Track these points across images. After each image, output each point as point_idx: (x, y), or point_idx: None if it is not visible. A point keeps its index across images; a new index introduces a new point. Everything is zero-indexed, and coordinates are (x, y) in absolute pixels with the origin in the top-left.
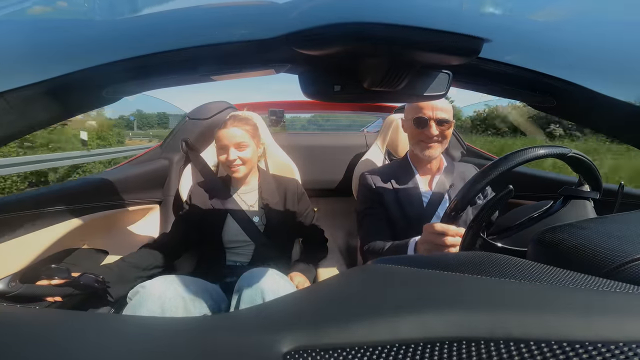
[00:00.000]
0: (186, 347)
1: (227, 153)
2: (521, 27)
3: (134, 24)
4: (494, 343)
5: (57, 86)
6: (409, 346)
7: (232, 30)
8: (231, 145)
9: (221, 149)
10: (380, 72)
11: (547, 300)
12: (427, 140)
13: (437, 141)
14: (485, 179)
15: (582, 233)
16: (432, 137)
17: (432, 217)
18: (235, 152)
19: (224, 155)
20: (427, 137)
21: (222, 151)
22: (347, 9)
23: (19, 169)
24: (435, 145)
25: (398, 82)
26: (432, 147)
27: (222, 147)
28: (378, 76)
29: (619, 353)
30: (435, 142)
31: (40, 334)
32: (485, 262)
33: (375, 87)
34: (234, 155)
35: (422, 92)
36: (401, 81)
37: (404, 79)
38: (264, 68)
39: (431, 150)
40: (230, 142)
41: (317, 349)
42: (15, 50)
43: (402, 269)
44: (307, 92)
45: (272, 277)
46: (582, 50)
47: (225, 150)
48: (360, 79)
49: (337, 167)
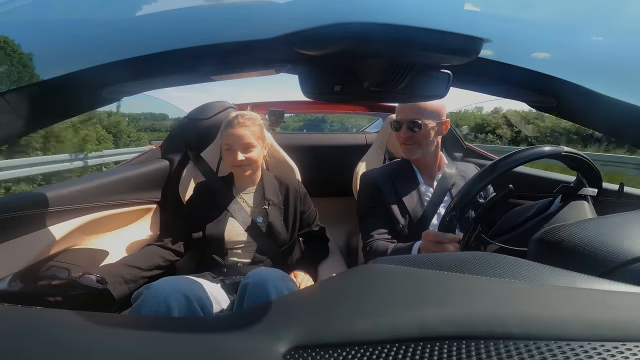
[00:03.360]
0: (190, 346)
1: (234, 155)
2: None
3: (134, 24)
4: (494, 342)
5: (57, 86)
6: (409, 345)
7: (232, 30)
8: (238, 147)
9: (228, 150)
10: (380, 72)
11: (547, 300)
12: (404, 142)
13: (414, 143)
14: (482, 181)
15: (582, 233)
16: (404, 139)
17: (434, 216)
18: (242, 153)
19: (231, 156)
20: (402, 139)
21: (229, 152)
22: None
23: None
24: (412, 147)
25: (398, 82)
26: (409, 149)
27: (229, 148)
28: (378, 76)
29: (619, 352)
30: (413, 144)
31: (40, 334)
32: (485, 262)
33: (375, 87)
34: (241, 156)
35: (422, 92)
36: (401, 81)
37: (404, 79)
38: (264, 68)
39: (408, 152)
40: (238, 144)
41: (317, 348)
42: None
43: (402, 269)
44: (307, 92)
45: (275, 277)
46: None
47: (233, 152)
48: (360, 79)
49: (337, 167)
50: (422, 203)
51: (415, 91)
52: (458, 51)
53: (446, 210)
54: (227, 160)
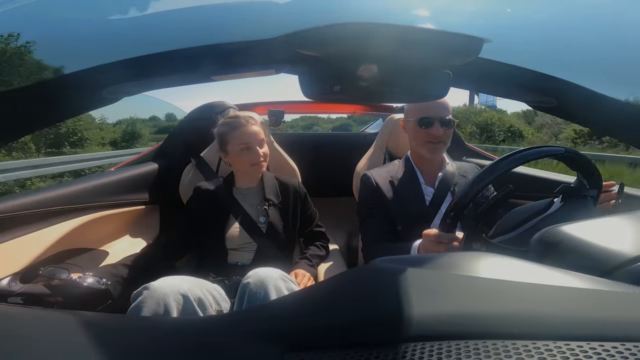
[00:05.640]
0: (189, 347)
1: (254, 152)
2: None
3: (134, 24)
4: (493, 342)
5: (57, 86)
6: (409, 345)
7: (232, 30)
8: (256, 144)
9: (246, 149)
10: (380, 72)
11: (547, 300)
12: (432, 141)
13: (442, 141)
14: (483, 181)
15: (582, 233)
16: (437, 137)
17: (435, 215)
18: (260, 149)
19: (250, 154)
20: (433, 137)
21: (247, 151)
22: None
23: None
24: (440, 145)
25: (398, 83)
26: (437, 148)
27: (247, 147)
28: (378, 76)
29: (618, 353)
30: (440, 142)
31: (41, 334)
32: (485, 262)
33: (375, 87)
34: (260, 152)
35: (422, 92)
36: (401, 81)
37: (404, 79)
38: (264, 68)
39: (436, 151)
40: (255, 140)
41: (317, 349)
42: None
43: (402, 269)
44: (306, 92)
45: (275, 277)
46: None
47: (252, 150)
48: (360, 79)
49: (337, 167)
50: (424, 202)
51: (415, 91)
52: (458, 51)
53: (447, 210)
54: (245, 159)
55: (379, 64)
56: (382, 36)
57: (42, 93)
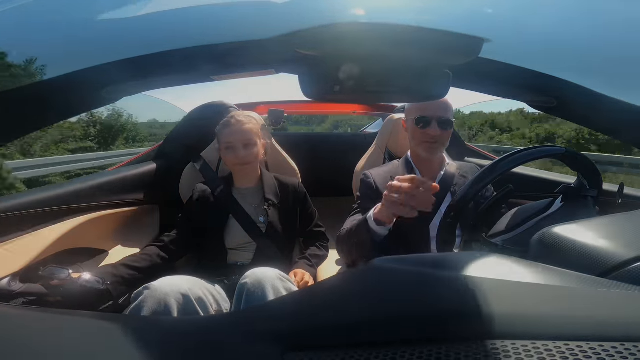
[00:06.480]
0: (190, 346)
1: (235, 152)
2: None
3: (134, 24)
4: (493, 342)
5: (57, 86)
6: (409, 345)
7: (232, 30)
8: (239, 144)
9: (229, 149)
10: (379, 72)
11: (547, 300)
12: (429, 140)
13: (439, 141)
14: (483, 181)
15: (582, 233)
16: (434, 137)
17: (435, 215)
18: (243, 151)
19: (232, 154)
20: (430, 137)
21: (229, 150)
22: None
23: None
24: (437, 146)
25: (398, 82)
26: (434, 148)
27: (229, 146)
28: (378, 76)
29: (618, 353)
30: (437, 143)
31: (40, 334)
32: (485, 262)
33: (376, 87)
34: (242, 153)
35: (422, 92)
36: (401, 81)
37: (403, 79)
38: (264, 68)
39: (433, 151)
40: (238, 141)
41: (316, 349)
42: (16, 49)
43: (402, 269)
44: (306, 92)
45: (274, 277)
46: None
47: (233, 150)
48: (360, 79)
49: (337, 167)
50: None
51: (415, 91)
52: (458, 51)
53: (447, 210)
54: (229, 159)
55: (379, 64)
56: (382, 36)
57: (42, 93)
